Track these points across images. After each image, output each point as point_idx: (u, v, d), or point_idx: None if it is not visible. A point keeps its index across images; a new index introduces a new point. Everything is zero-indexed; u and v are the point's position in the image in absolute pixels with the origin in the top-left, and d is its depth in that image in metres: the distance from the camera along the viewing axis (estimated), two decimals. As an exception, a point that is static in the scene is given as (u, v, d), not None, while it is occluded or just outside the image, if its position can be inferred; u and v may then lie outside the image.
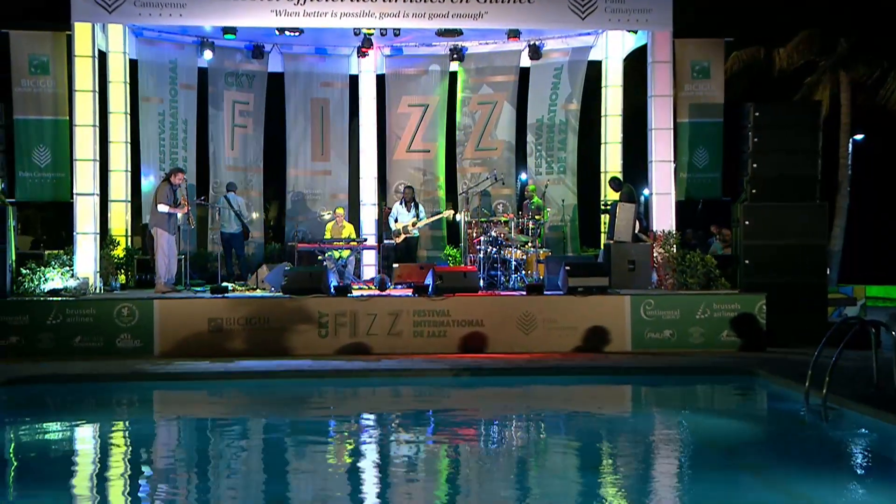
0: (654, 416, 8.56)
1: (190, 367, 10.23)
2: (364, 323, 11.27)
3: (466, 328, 11.36)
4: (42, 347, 10.92)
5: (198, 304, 11.36)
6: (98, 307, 11.09)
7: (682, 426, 7.99)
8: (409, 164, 16.47)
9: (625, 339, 11.40)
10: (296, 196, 16.30)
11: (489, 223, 13.88)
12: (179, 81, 15.31)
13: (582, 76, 15.80)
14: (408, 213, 14.76)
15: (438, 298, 11.41)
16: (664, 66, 13.32)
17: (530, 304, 11.48)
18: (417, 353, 11.09)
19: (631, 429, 7.87)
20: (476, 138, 16.37)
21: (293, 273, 11.78)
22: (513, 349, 11.25)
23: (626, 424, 8.12)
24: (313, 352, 11.10)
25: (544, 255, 13.61)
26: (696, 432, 7.68)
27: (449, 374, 9.96)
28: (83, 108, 12.66)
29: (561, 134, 16.03)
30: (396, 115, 16.46)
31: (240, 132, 16.04)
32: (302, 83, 16.32)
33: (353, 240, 14.25)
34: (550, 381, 9.86)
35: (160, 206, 12.20)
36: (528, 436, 7.70)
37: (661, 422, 8.26)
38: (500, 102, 16.23)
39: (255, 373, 9.95)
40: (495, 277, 13.35)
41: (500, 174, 15.06)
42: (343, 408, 9.20)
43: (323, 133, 16.42)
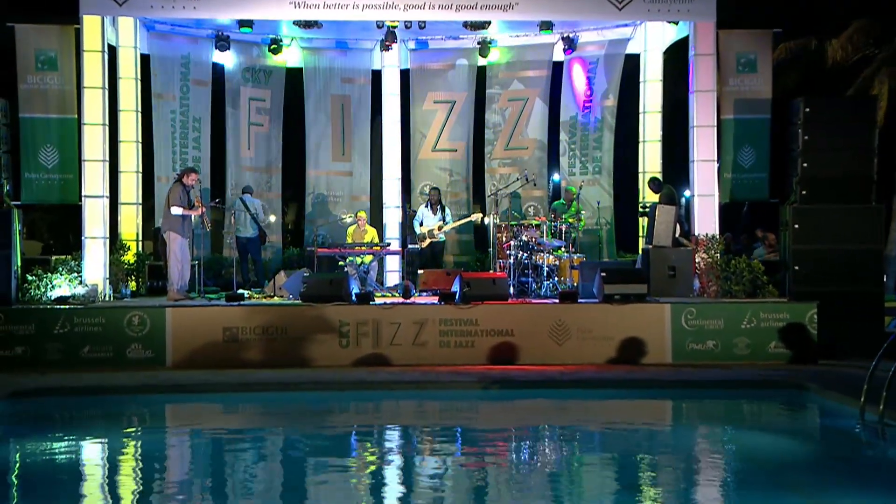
0: (696, 434, 8.50)
1: (204, 379, 10.28)
2: (387, 332, 11.26)
3: (495, 338, 11.32)
4: (48, 358, 10.98)
5: (212, 312, 11.42)
6: (107, 315, 11.16)
7: (726, 444, 7.92)
8: (434, 165, 16.46)
9: (664, 350, 11.32)
10: (315, 198, 16.35)
11: (519, 227, 13.84)
12: (193, 77, 15.40)
13: (619, 71, 15.72)
14: (433, 217, 14.76)
15: (466, 307, 11.39)
16: (707, 59, 13.23)
17: (563, 312, 11.44)
18: (443, 364, 11.07)
19: (671, 447, 7.81)
20: (506, 137, 16.34)
21: (312, 280, 11.80)
22: (545, 360, 11.20)
23: (666, 442, 8.06)
24: (333, 363, 11.11)
25: (578, 260, 13.56)
26: (742, 451, 7.61)
27: (477, 386, 9.94)
28: (92, 105, 12.73)
29: (596, 132, 15.96)
30: (421, 113, 16.47)
31: (256, 131, 16.10)
32: (322, 79, 16.37)
33: (375, 244, 14.26)
34: (585, 395, 9.81)
35: (173, 208, 12.28)
36: (561, 453, 7.66)
37: (704, 440, 8.19)
38: (532, 99, 16.18)
39: (272, 385, 9.98)
40: (526, 284, 13.30)
41: (532, 175, 15.01)
42: (365, 422, 9.20)
43: (344, 131, 16.46)
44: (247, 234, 14.56)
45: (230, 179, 15.87)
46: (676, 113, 15.29)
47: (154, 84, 15.05)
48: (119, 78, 14.41)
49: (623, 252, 16.41)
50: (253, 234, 14.59)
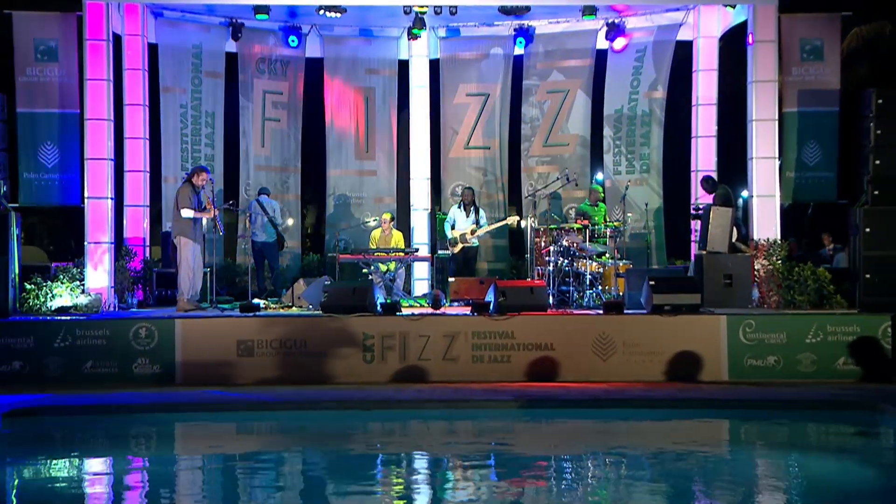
0: (756, 460, 8.40)
1: (216, 397, 10.32)
2: (415, 346, 11.26)
3: (534, 352, 11.28)
4: (48, 374, 11.06)
5: (225, 323, 11.46)
6: (112, 328, 11.22)
7: (790, 472, 7.84)
8: (467, 163, 16.46)
9: (720, 366, 11.24)
10: (337, 200, 16.39)
11: (560, 230, 13.79)
12: (204, 69, 15.51)
13: (669, 59, 15.64)
14: (466, 219, 14.74)
15: (501, 318, 11.35)
16: (768, 47, 13.14)
17: (608, 324, 11.38)
18: (477, 380, 11.04)
19: (728, 474, 7.73)
20: (545, 132, 16.30)
21: (334, 288, 11.82)
22: (588, 377, 11.15)
23: (722, 469, 7.97)
24: (357, 379, 11.11)
25: (624, 267, 13.49)
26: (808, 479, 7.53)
27: (513, 405, 9.91)
28: (96, 99, 12.86)
29: (644, 126, 15.89)
30: (452, 107, 16.47)
31: (273, 127, 16.18)
32: (344, 70, 16.42)
33: (402, 250, 14.26)
34: (632, 416, 9.74)
35: (184, 210, 12.34)
36: (607, 481, 7.60)
37: (765, 466, 8.11)
38: (573, 91, 16.14)
39: (290, 403, 10.00)
40: (567, 294, 13.26)
41: (573, 174, 14.96)
42: (391, 445, 9.18)
43: (368, 127, 16.50)
44: (263, 239, 14.61)
45: (244, 180, 15.96)
46: (733, 105, 15.20)
47: (163, 76, 15.18)
48: (125, 69, 14.49)
49: (674, 258, 16.30)
50: (269, 238, 14.64)
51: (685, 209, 15.54)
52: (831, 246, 17.60)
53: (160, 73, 15.14)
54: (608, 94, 16.16)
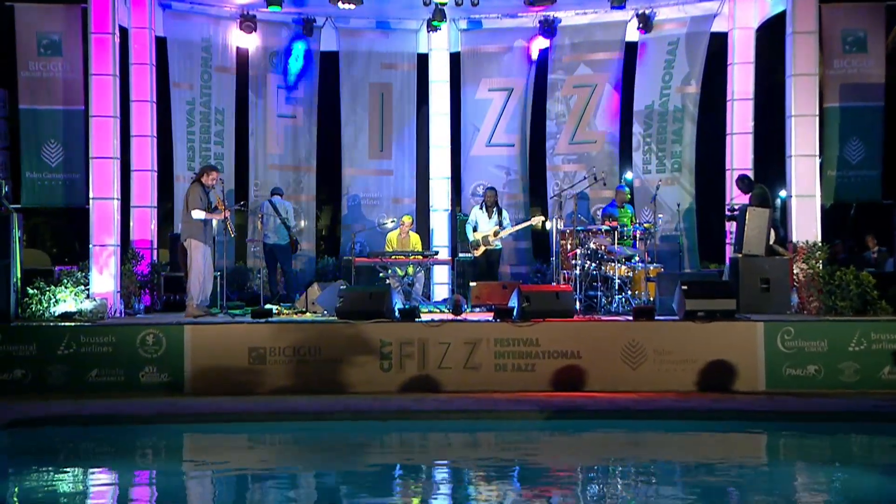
0: (795, 475, 8.37)
1: (227, 407, 10.34)
2: (435, 354, 11.25)
3: (559, 361, 11.26)
4: (52, 382, 11.09)
5: (236, 330, 11.49)
6: (118, 334, 11.26)
7: (831, 487, 7.78)
8: (489, 162, 16.47)
9: (757, 375, 11.18)
10: (352, 200, 16.43)
11: (587, 233, 13.77)
12: (215, 63, 15.58)
13: (703, 52, 15.61)
14: (489, 221, 14.73)
15: (525, 324, 11.35)
16: (808, 38, 13.09)
17: (638, 331, 11.35)
18: (499, 390, 11.03)
19: (766, 489, 7.69)
20: (571, 129, 16.29)
21: (350, 293, 11.84)
22: (616, 387, 11.12)
23: (759, 483, 7.94)
24: (374, 388, 11.12)
25: (655, 271, 13.45)
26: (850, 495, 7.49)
27: (538, 416, 9.90)
28: (101, 95, 12.90)
29: (676, 123, 15.85)
30: (474, 102, 16.49)
31: (286, 124, 16.23)
32: (360, 64, 16.46)
33: (421, 253, 14.27)
34: (664, 427, 9.72)
35: (194, 211, 12.38)
36: (637, 495, 7.58)
37: (804, 481, 8.07)
38: (601, 85, 16.13)
39: (304, 413, 10.02)
40: (595, 299, 13.23)
41: (601, 172, 14.92)
42: (409, 457, 9.18)
43: (384, 124, 16.54)
44: (275, 242, 14.61)
45: (254, 179, 16.02)
46: (771, 100, 15.17)
47: (171, 71, 15.26)
48: (131, 64, 14.55)
49: (707, 262, 16.26)
50: (282, 241, 14.63)
51: (719, 210, 15.48)
52: (876, 248, 17.48)
53: (169, 68, 15.22)
54: (638, 88, 16.14)
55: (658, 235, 14.74)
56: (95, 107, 12.91)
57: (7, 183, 12.77)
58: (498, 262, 15.03)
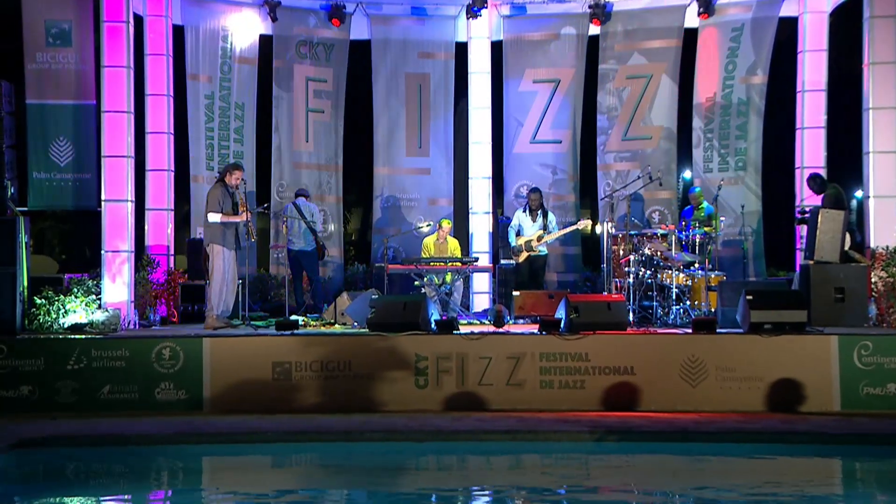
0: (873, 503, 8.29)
1: (249, 426, 10.38)
2: (475, 369, 11.26)
3: (611, 377, 11.23)
4: (61, 400, 11.16)
5: (259, 343, 11.54)
6: (132, 348, 11.33)
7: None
8: (533, 160, 16.47)
9: (830, 394, 11.10)
10: (385, 202, 16.48)
11: (641, 237, 13.73)
12: (235, 54, 15.69)
13: (770, 38, 15.54)
14: (533, 224, 14.73)
15: (573, 337, 11.32)
16: (888, 23, 13.02)
17: (698, 345, 11.29)
18: (545, 409, 11.02)
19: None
20: (624, 124, 16.26)
21: (382, 303, 11.87)
22: (674, 406, 11.08)
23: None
24: (408, 406, 11.14)
25: (717, 279, 13.39)
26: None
27: (588, 437, 9.88)
28: (114, 88, 13.03)
29: (740, 117, 15.78)
30: (517, 95, 16.50)
31: (315, 119, 16.32)
32: (394, 54, 16.53)
33: (460, 259, 14.30)
34: (727, 451, 9.65)
35: (210, 214, 12.47)
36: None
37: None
38: (658, 76, 16.09)
39: (332, 433, 10.05)
40: (650, 309, 13.19)
41: (657, 171, 14.90)
42: (447, 482, 9.19)
43: (421, 119, 16.58)
44: (300, 247, 14.64)
45: (277, 180, 16.08)
46: (846, 92, 15.04)
47: (189, 62, 15.38)
48: (146, 55, 14.73)
49: (775, 269, 16.14)
50: (308, 246, 14.65)
51: (789, 212, 15.40)
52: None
53: (186, 59, 15.34)
54: (698, 79, 16.10)
55: (720, 240, 14.69)
56: (108, 101, 13.03)
57: (13, 184, 12.88)
58: (543, 270, 15.02)
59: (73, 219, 21.65)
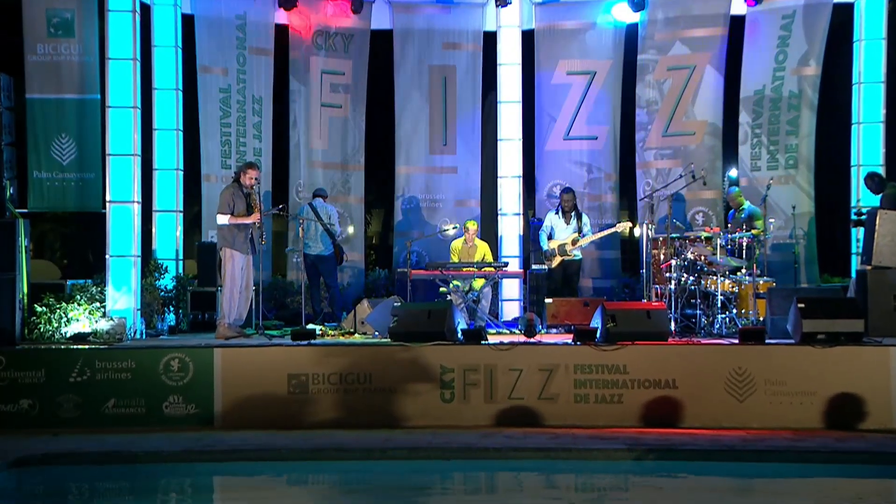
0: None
1: (263, 443, 10.41)
2: (505, 382, 11.26)
3: (651, 391, 11.22)
4: (62, 415, 11.22)
5: (274, 354, 11.56)
6: (139, 359, 11.37)
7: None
8: (567, 157, 16.45)
9: (891, 410, 11.05)
10: (408, 203, 16.49)
11: (683, 241, 13.69)
12: (251, 44, 15.71)
13: (824, 26, 15.47)
14: (566, 227, 14.72)
15: (611, 348, 11.31)
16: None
17: (745, 357, 11.26)
18: (580, 425, 11.02)
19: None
20: (665, 119, 16.22)
21: (405, 311, 11.88)
22: (720, 422, 11.05)
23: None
24: (433, 422, 11.15)
25: (766, 286, 13.33)
26: None
27: (626, 456, 9.86)
28: (120, 82, 13.10)
29: (791, 111, 15.71)
30: (550, 88, 16.49)
31: (332, 114, 16.34)
32: (418, 45, 16.53)
33: (489, 264, 14.29)
34: (777, 471, 9.62)
35: (219, 216, 12.51)
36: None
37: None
38: (701, 67, 16.04)
39: (352, 451, 10.05)
40: (693, 318, 13.15)
41: (700, 170, 14.81)
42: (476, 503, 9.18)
43: (446, 115, 16.58)
44: (318, 252, 14.67)
45: (295, 179, 16.11)
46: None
47: (200, 53, 15.40)
48: (154, 46, 14.78)
49: (829, 275, 16.06)
50: (325, 250, 14.69)
51: (844, 214, 15.33)
52: None
53: (197, 50, 15.36)
54: (746, 70, 16.03)
55: (769, 244, 14.63)
56: (113, 95, 13.08)
57: (12, 184, 12.95)
58: (577, 275, 15.00)
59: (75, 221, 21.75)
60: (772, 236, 14.87)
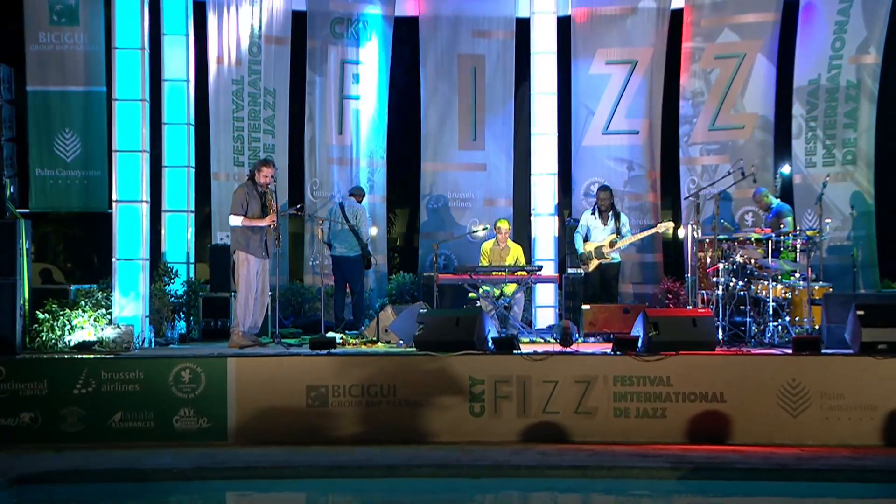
0: None
1: (280, 459, 10.43)
2: (538, 395, 11.24)
3: (697, 405, 11.18)
4: (66, 429, 11.24)
5: (291, 364, 11.57)
6: (147, 369, 11.40)
7: None
8: (606, 153, 16.44)
9: (958, 426, 11.02)
10: (434, 202, 16.50)
11: (732, 242, 13.66)
12: (266, 33, 15.77)
13: (885, 12, 15.41)
14: (604, 228, 14.70)
15: (653, 358, 11.28)
16: None
17: (799, 368, 11.21)
18: (620, 441, 10.99)
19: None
20: (712, 111, 16.18)
21: (431, 318, 11.89)
22: (771, 439, 11.00)
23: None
24: (462, 437, 11.13)
25: (821, 291, 13.29)
26: None
27: (670, 475, 9.84)
28: (127, 73, 13.15)
29: (849, 102, 15.65)
30: (588, 79, 16.48)
31: (352, 107, 16.37)
32: (445, 33, 16.55)
33: (521, 268, 14.28)
34: (834, 491, 9.59)
35: (230, 217, 12.56)
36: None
37: None
38: (752, 55, 16.00)
39: (375, 468, 10.07)
40: (742, 326, 13.10)
41: (750, 166, 14.78)
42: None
43: (475, 107, 16.59)
44: (341, 252, 14.66)
45: (311, 177, 16.14)
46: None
47: (211, 43, 15.46)
48: (164, 35, 14.86)
49: (890, 280, 15.99)
50: (350, 251, 14.65)
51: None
52: None
53: (208, 40, 15.42)
54: (800, 59, 15.99)
55: (825, 246, 14.57)
56: (120, 87, 13.14)
57: (12, 182, 13.00)
58: (617, 280, 14.99)
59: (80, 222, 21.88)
60: (828, 238, 14.81)
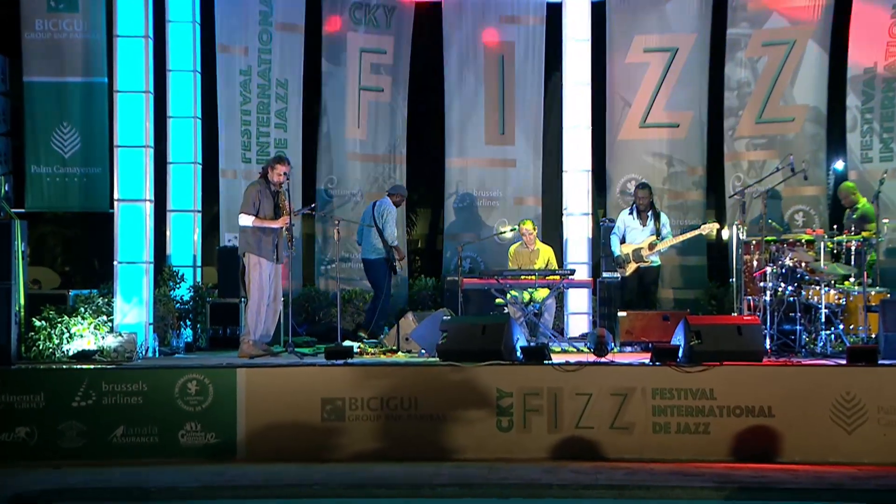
0: None
1: (293, 477, 10.45)
2: (572, 408, 11.24)
3: (743, 419, 11.16)
4: (65, 445, 11.27)
5: (305, 375, 11.60)
6: (151, 381, 11.43)
7: None
8: (643, 148, 16.45)
9: None
10: (460, 201, 16.52)
11: (781, 244, 13.63)
12: (276, 20, 15.81)
13: (947, -8, 15.41)
14: (642, 229, 14.69)
15: (695, 369, 11.26)
16: None
17: (854, 380, 11.17)
18: (660, 459, 10.97)
19: None
20: (759, 103, 16.17)
21: (456, 326, 11.90)
22: (825, 457, 10.97)
23: None
24: (489, 454, 11.14)
25: (878, 297, 13.24)
26: None
27: (714, 495, 9.80)
28: (130, 63, 13.16)
29: (907, 94, 15.64)
30: (624, 68, 16.49)
31: (372, 99, 16.42)
32: (470, 19, 16.57)
33: (552, 272, 14.27)
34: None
35: (240, 217, 12.55)
36: None
37: None
38: (802, 42, 15.98)
39: (395, 487, 10.05)
40: (792, 335, 13.07)
41: (801, 162, 14.78)
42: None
43: (503, 99, 16.60)
44: (363, 254, 14.77)
45: (326, 174, 16.16)
46: None
47: (219, 30, 15.50)
48: (169, 21, 14.92)
49: (952, 285, 15.96)
50: (370, 253, 14.68)
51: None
52: None
53: (216, 27, 15.46)
54: (854, 47, 15.94)
55: (882, 248, 14.52)
56: (122, 78, 13.15)
57: (7, 180, 13.04)
58: (656, 285, 14.99)
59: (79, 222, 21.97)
60: (886, 239, 14.77)
